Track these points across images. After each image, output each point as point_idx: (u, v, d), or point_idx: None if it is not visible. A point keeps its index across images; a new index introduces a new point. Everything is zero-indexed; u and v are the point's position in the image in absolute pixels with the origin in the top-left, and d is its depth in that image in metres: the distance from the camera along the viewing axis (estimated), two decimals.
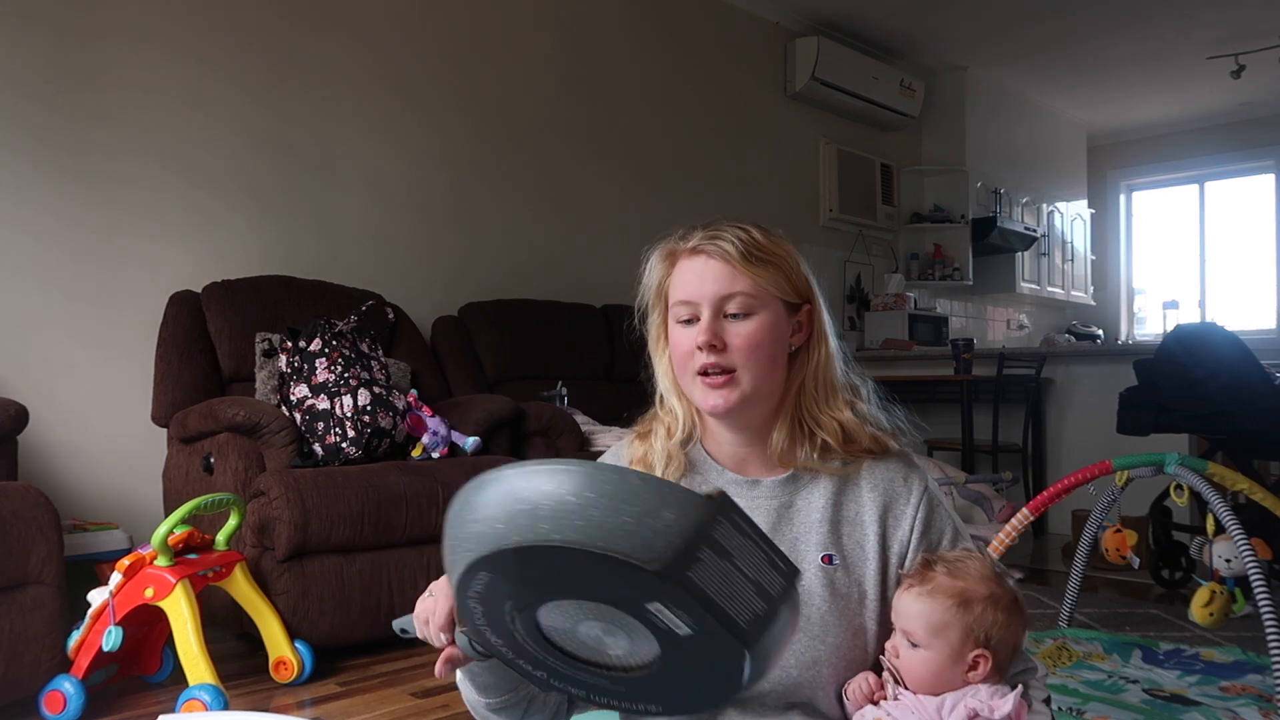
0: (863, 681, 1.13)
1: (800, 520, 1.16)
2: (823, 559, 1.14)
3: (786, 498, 1.17)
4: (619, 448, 1.27)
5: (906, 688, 1.11)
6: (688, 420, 1.20)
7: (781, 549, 1.04)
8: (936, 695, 1.10)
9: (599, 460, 1.23)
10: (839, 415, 1.18)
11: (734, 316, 1.13)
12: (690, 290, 1.14)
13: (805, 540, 1.15)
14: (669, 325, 1.18)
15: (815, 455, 1.17)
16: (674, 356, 1.17)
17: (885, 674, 1.13)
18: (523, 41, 4.17)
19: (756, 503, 1.17)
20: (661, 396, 1.24)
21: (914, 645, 1.10)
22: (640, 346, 1.30)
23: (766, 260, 1.14)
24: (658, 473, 1.17)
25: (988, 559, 1.16)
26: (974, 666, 1.10)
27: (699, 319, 1.13)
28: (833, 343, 1.20)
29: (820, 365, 1.18)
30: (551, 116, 4.27)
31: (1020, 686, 1.11)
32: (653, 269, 1.22)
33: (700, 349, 1.12)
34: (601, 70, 4.51)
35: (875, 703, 1.12)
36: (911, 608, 1.10)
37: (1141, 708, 2.09)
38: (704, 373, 1.12)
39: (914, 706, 1.10)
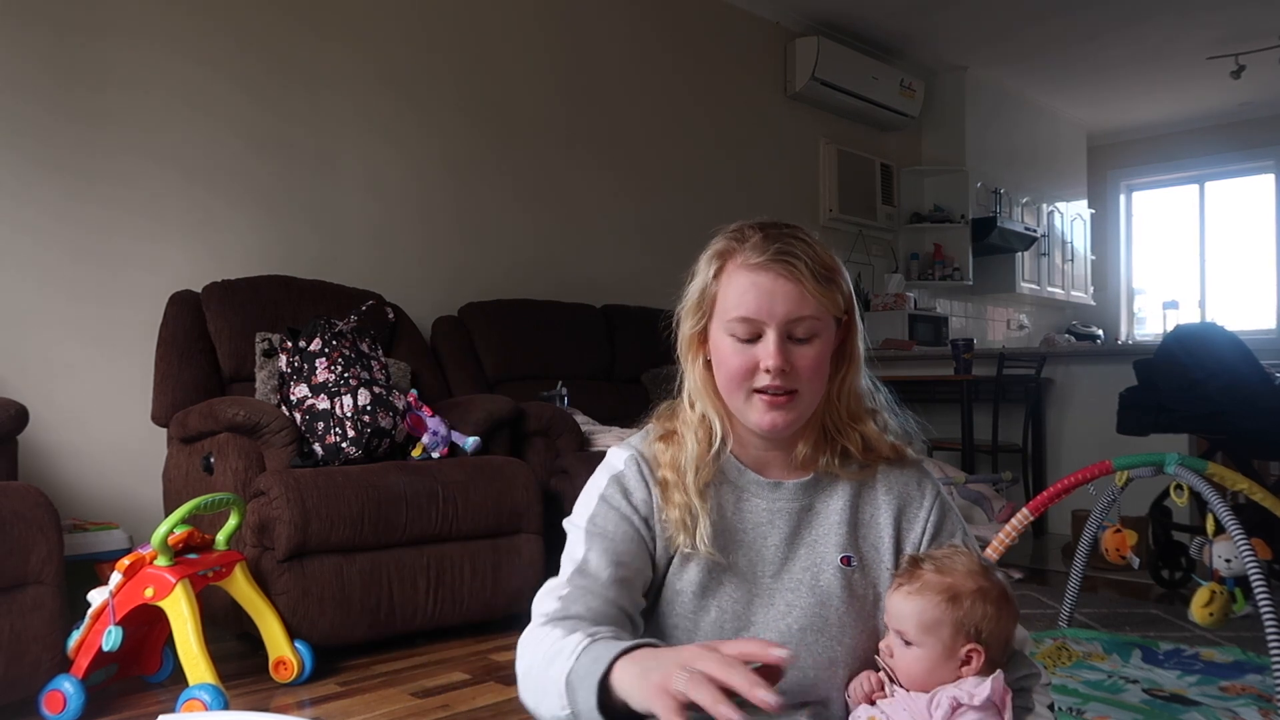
0: (864, 680, 1.14)
1: (820, 523, 1.18)
2: (841, 560, 1.16)
3: (807, 500, 1.18)
4: (628, 449, 1.21)
5: (902, 686, 1.13)
6: (718, 430, 1.18)
7: (801, 550, 1.14)
8: (929, 692, 1.12)
9: (610, 457, 1.20)
10: (862, 428, 1.19)
11: (800, 340, 1.10)
12: (754, 308, 1.10)
13: (825, 542, 1.17)
14: (716, 335, 1.14)
15: (835, 461, 1.18)
16: (725, 369, 1.13)
17: (881, 673, 1.15)
18: (523, 42, 4.17)
19: (778, 505, 1.18)
20: (691, 402, 1.20)
21: (907, 644, 1.12)
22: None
23: (829, 280, 1.12)
24: (689, 480, 1.13)
25: (975, 554, 1.17)
26: (967, 661, 1.11)
27: (761, 337, 1.10)
28: (862, 358, 1.20)
29: (850, 378, 1.19)
30: (552, 117, 4.27)
31: (1000, 671, 1.12)
32: (702, 272, 1.16)
33: (768, 371, 1.09)
34: (602, 70, 4.51)
35: (873, 702, 1.13)
36: (903, 607, 1.12)
37: (1141, 708, 2.09)
38: (762, 390, 1.10)
39: (905, 703, 1.11)
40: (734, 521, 1.18)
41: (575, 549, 1.14)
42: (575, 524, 1.17)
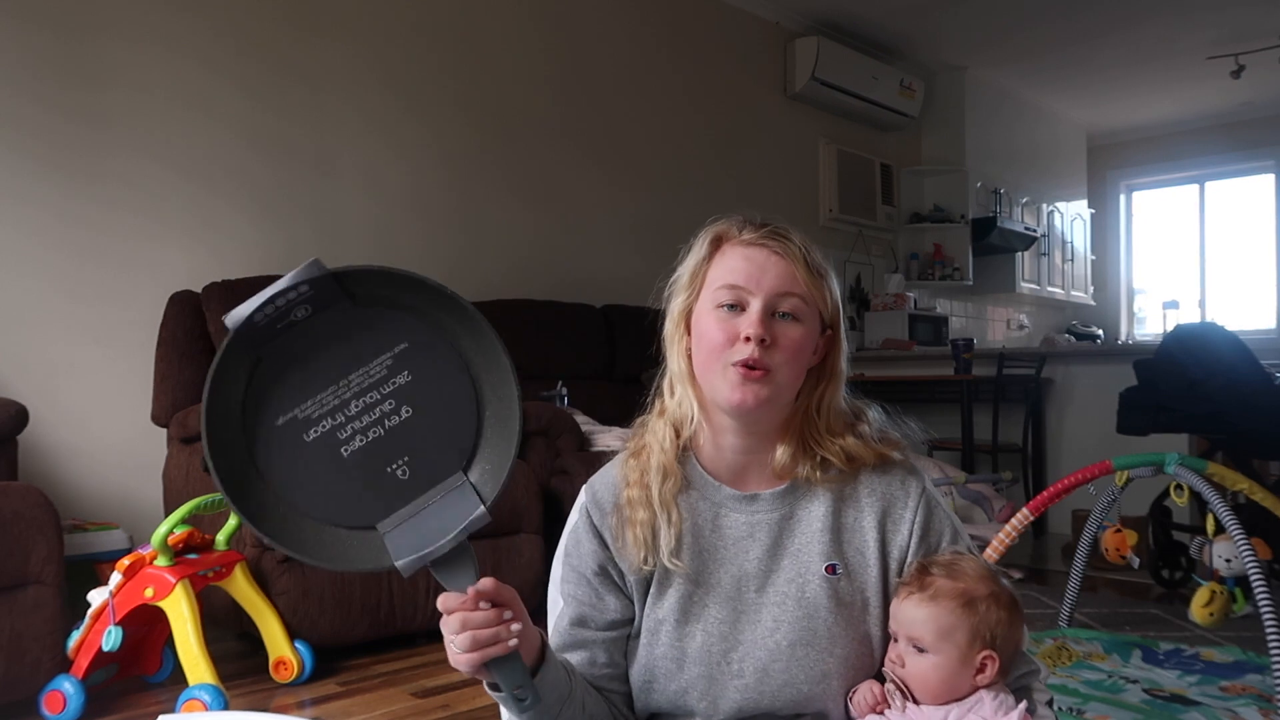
0: (866, 692, 1.12)
1: (802, 531, 1.15)
2: (826, 569, 1.13)
3: (787, 509, 1.15)
4: (586, 493, 1.21)
5: (913, 700, 1.10)
6: (692, 414, 1.16)
7: (785, 561, 1.12)
8: (945, 702, 1.09)
9: (578, 501, 1.21)
10: (842, 441, 1.16)
11: (785, 316, 1.10)
12: (743, 277, 1.10)
13: (808, 551, 1.14)
14: (702, 310, 1.14)
15: (816, 471, 1.15)
16: (705, 342, 1.12)
17: (889, 686, 1.12)
18: (523, 43, 4.17)
19: (757, 517, 1.15)
20: (661, 393, 1.20)
21: (921, 651, 1.09)
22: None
23: (819, 274, 1.13)
24: (654, 490, 1.13)
25: (979, 558, 1.15)
26: (981, 669, 1.09)
27: (746, 308, 1.10)
28: (843, 376, 1.18)
29: (830, 394, 1.17)
30: (551, 117, 4.27)
31: (1024, 702, 1.10)
32: (695, 250, 1.17)
33: (748, 340, 1.08)
34: (601, 71, 4.51)
35: (879, 713, 1.11)
36: (916, 613, 1.09)
37: (1141, 708, 2.09)
38: (739, 363, 1.09)
39: (917, 719, 1.09)
40: (713, 540, 1.15)
41: (550, 612, 1.22)
42: (553, 583, 1.23)
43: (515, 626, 0.95)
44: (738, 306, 1.10)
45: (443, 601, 0.95)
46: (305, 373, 0.92)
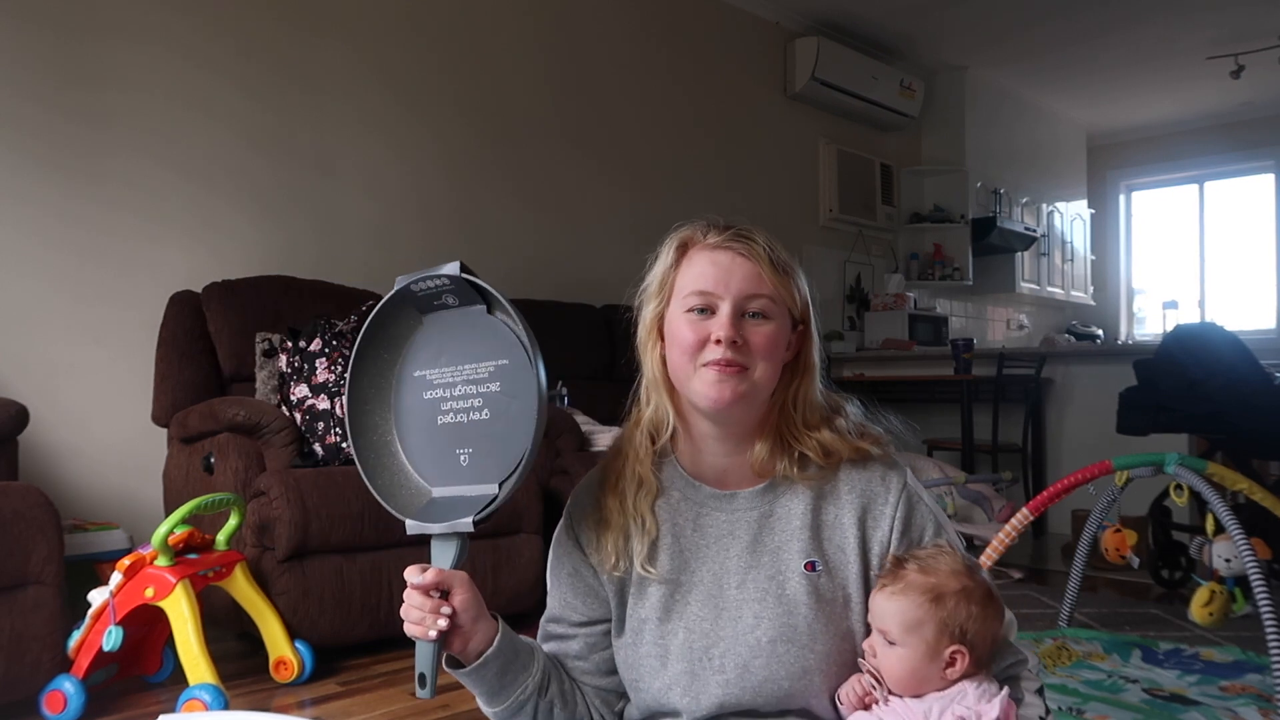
0: (855, 685, 1.13)
1: (781, 528, 1.16)
2: (806, 566, 1.13)
3: (766, 507, 1.17)
4: (590, 477, 1.24)
5: (889, 690, 1.11)
6: (668, 421, 1.18)
7: (764, 558, 1.17)
8: (916, 693, 1.11)
9: (571, 496, 1.25)
10: (818, 435, 1.17)
11: (754, 316, 1.12)
12: (710, 282, 1.12)
13: (787, 548, 1.15)
14: (672, 316, 1.16)
15: (794, 467, 1.16)
16: (678, 346, 1.13)
17: (865, 675, 1.13)
18: (522, 43, 4.17)
19: (736, 515, 1.16)
20: (638, 400, 1.22)
21: (890, 643, 1.10)
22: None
23: (785, 272, 1.15)
24: (628, 499, 1.17)
25: (959, 553, 1.16)
26: (951, 663, 1.10)
27: (715, 312, 1.12)
28: (817, 369, 1.20)
29: (805, 388, 1.18)
30: (552, 118, 4.28)
31: (1006, 688, 1.11)
32: (663, 257, 1.20)
33: (719, 342, 1.10)
34: (601, 72, 4.51)
35: (868, 706, 1.12)
36: (886, 606, 1.11)
37: (1141, 707, 2.09)
38: (712, 364, 1.10)
39: (902, 712, 1.10)
40: (695, 539, 1.17)
41: None
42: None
43: (441, 623, 1.06)
44: (708, 310, 1.12)
45: (406, 571, 1.09)
46: (442, 347, 1.15)
